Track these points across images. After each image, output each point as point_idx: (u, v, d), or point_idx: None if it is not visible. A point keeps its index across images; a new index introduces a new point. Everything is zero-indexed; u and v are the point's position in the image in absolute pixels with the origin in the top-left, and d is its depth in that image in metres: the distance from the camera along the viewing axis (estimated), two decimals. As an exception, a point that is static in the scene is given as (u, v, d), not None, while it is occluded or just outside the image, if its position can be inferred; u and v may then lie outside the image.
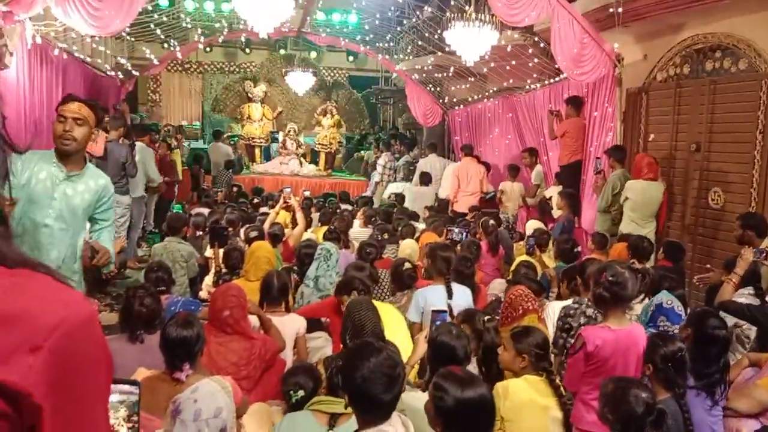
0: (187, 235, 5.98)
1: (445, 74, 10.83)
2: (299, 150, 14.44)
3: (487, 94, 10.74)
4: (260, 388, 3.26)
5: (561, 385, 2.87)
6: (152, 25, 9.72)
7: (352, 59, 16.64)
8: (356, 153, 15.62)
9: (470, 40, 7.07)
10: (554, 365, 3.23)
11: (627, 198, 6.03)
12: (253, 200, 9.64)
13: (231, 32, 11.92)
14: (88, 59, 9.08)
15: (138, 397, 1.97)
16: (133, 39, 11.16)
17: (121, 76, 10.90)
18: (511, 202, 8.66)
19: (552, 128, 7.97)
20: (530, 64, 8.50)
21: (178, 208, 9.52)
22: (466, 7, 7.26)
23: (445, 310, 3.17)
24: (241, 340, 3.25)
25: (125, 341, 3.20)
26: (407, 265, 4.52)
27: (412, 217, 7.90)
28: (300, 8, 10.05)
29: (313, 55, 16.34)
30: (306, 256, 5.00)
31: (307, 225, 6.86)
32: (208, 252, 5.74)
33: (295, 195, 7.11)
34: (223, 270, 5.22)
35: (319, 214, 7.75)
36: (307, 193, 9.67)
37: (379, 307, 3.63)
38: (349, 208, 9.09)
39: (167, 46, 12.21)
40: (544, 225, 7.29)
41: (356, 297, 3.55)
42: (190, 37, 12.29)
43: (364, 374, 1.93)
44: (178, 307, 3.73)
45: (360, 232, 7.08)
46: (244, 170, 13.76)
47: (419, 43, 11.48)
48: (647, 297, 3.50)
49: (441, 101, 12.36)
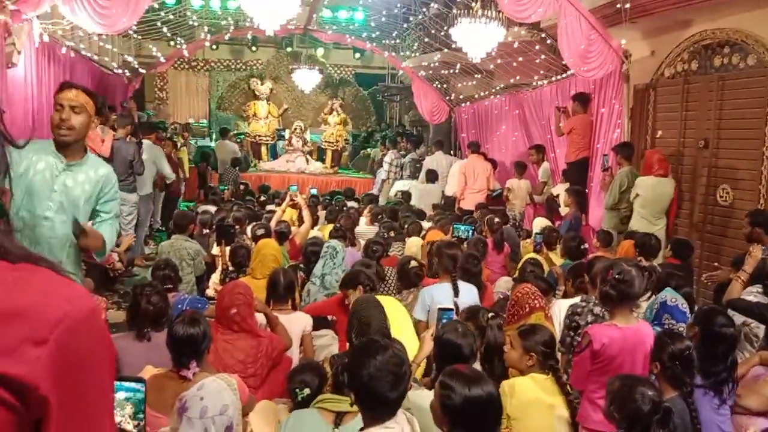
0: (194, 233, 6.00)
1: (451, 71, 10.81)
2: (305, 147, 14.46)
3: (493, 90, 10.71)
4: (267, 386, 3.27)
5: (568, 384, 2.87)
6: (159, 23, 9.74)
7: (358, 56, 16.63)
8: (362, 150, 15.63)
9: (477, 37, 7.05)
10: (561, 363, 3.23)
11: (637, 195, 6.00)
12: (260, 198, 9.66)
13: (237, 30, 11.93)
14: (96, 57, 9.12)
15: (144, 395, 1.99)
16: (139, 37, 11.18)
17: (128, 74, 10.95)
18: (518, 200, 8.64)
19: (559, 125, 7.95)
20: (537, 61, 8.48)
21: (186, 206, 9.55)
22: (473, 4, 7.26)
23: (451, 308, 3.16)
24: (248, 338, 3.26)
25: (132, 339, 3.22)
26: (413, 263, 4.52)
27: (419, 215, 7.90)
28: (306, 5, 10.06)
29: (320, 53, 16.35)
30: (312, 253, 5.01)
31: (314, 223, 6.87)
32: (215, 250, 5.75)
33: (301, 193, 7.13)
34: (230, 268, 5.24)
35: (325, 211, 7.76)
36: (314, 191, 9.69)
37: (385, 301, 3.63)
38: (356, 205, 9.10)
39: (174, 43, 12.24)
40: (552, 222, 7.27)
41: (362, 295, 3.56)
42: (197, 35, 12.32)
43: (370, 372, 1.94)
44: (185, 305, 3.75)
45: (366, 229, 7.08)
46: (250, 168, 13.78)
47: (426, 40, 11.47)
48: (653, 295, 3.49)
49: (447, 98, 12.34)
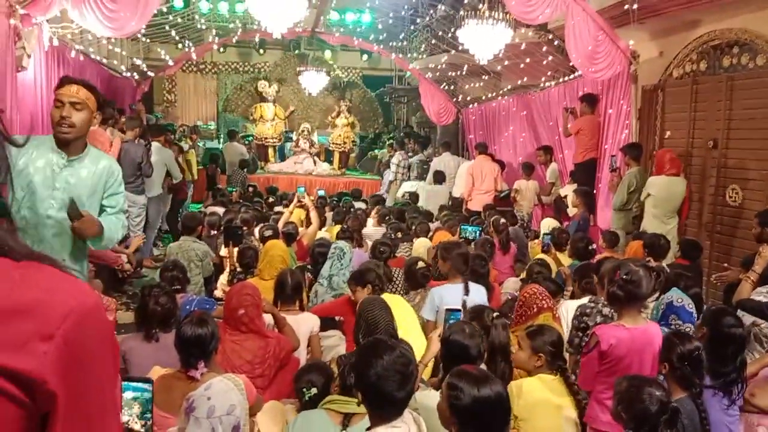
0: (202, 234, 6.02)
1: (458, 73, 10.82)
2: (312, 149, 14.49)
3: (501, 92, 10.70)
4: (274, 387, 3.28)
5: (576, 384, 2.86)
6: (167, 27, 9.81)
7: (365, 58, 16.66)
8: (370, 152, 15.63)
9: (484, 38, 7.05)
10: (569, 364, 3.22)
11: (649, 194, 5.96)
12: (268, 199, 9.69)
13: (245, 33, 11.99)
14: (105, 60, 9.19)
15: (151, 395, 2.00)
16: (148, 40, 11.26)
17: (136, 76, 11.03)
18: (525, 201, 8.63)
19: (566, 126, 7.93)
20: (544, 62, 8.46)
21: (194, 207, 9.59)
22: (480, 5, 7.25)
23: (458, 309, 3.15)
24: (256, 338, 3.27)
25: (141, 340, 3.24)
26: (421, 264, 4.52)
27: (426, 216, 7.90)
28: (313, 8, 10.09)
29: (327, 55, 16.38)
30: (320, 254, 5.02)
31: (322, 224, 6.88)
32: (223, 251, 5.78)
33: (309, 194, 7.14)
34: (238, 269, 5.26)
35: (333, 213, 7.78)
36: (322, 192, 9.70)
37: (393, 301, 3.64)
38: (363, 206, 9.11)
39: (182, 46, 12.31)
40: (560, 223, 7.26)
41: (369, 296, 3.56)
42: (205, 38, 12.39)
43: (377, 371, 1.94)
44: (193, 306, 3.76)
45: (373, 230, 7.09)
46: (258, 170, 13.83)
47: (433, 41, 11.48)
48: (661, 295, 3.48)
49: (455, 100, 12.34)
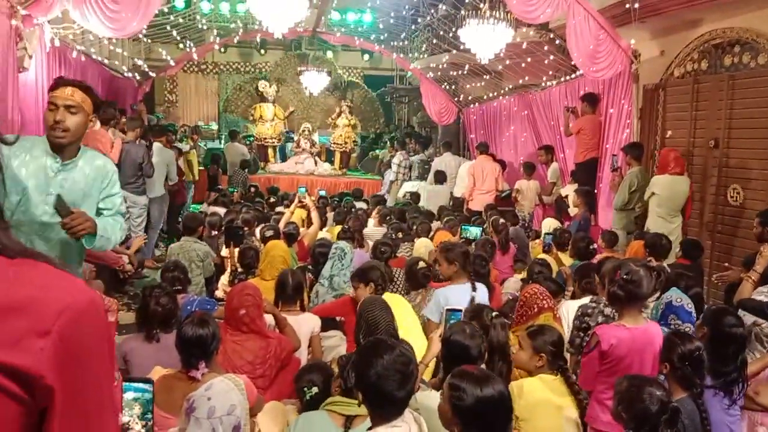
0: (203, 234, 6.03)
1: (460, 72, 10.81)
2: (313, 149, 14.50)
3: (502, 91, 10.70)
4: (275, 387, 3.28)
5: (577, 384, 2.86)
6: (168, 27, 9.81)
7: (367, 58, 16.67)
8: (371, 152, 15.65)
9: (485, 38, 7.05)
10: (570, 364, 3.22)
11: (653, 193, 5.95)
12: (269, 199, 9.70)
13: (246, 33, 12.00)
14: (106, 61, 9.20)
15: (152, 395, 2.00)
16: (149, 40, 11.27)
17: (138, 77, 11.04)
18: (527, 201, 8.63)
19: (567, 125, 7.93)
20: (546, 62, 8.46)
21: (196, 208, 9.60)
22: (481, 5, 7.26)
23: (459, 309, 3.16)
24: (257, 339, 3.27)
25: (142, 340, 3.25)
26: (422, 264, 4.52)
27: (428, 216, 7.90)
28: (314, 8, 10.09)
29: (329, 55, 16.39)
30: (320, 255, 5.03)
31: (322, 224, 6.89)
32: (224, 251, 5.78)
33: (310, 194, 7.15)
34: (239, 269, 5.26)
35: (334, 213, 7.78)
36: (323, 193, 9.71)
37: (394, 301, 3.64)
38: (364, 206, 9.11)
39: (183, 47, 12.32)
40: (561, 223, 7.26)
41: (370, 296, 3.56)
42: (206, 38, 12.40)
43: (377, 371, 1.95)
44: (194, 307, 3.76)
45: (374, 231, 7.09)
46: (259, 170, 13.84)
47: (434, 41, 11.48)
48: (661, 295, 3.48)
49: (456, 99, 12.34)
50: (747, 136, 5.61)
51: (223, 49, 15.39)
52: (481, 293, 4.05)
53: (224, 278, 5.48)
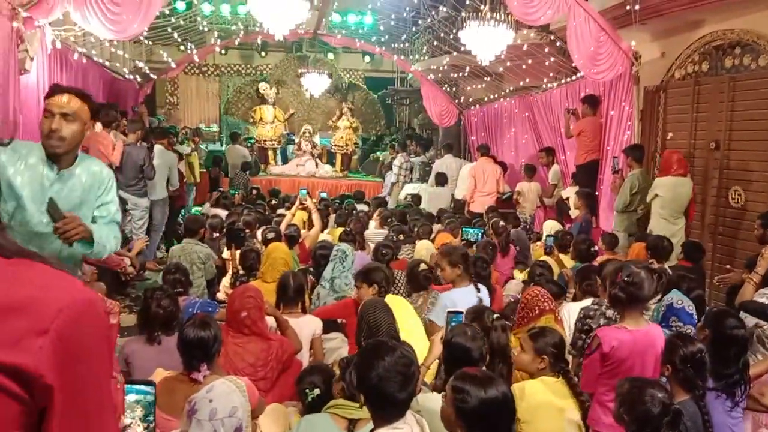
0: (205, 237, 6.03)
1: (460, 74, 10.83)
2: (314, 151, 14.51)
3: (503, 93, 10.71)
4: (277, 390, 3.28)
5: (578, 386, 2.87)
6: (169, 29, 9.83)
7: (367, 60, 16.68)
8: (372, 154, 15.66)
9: (486, 40, 7.05)
10: (572, 367, 3.22)
11: (656, 195, 5.93)
12: (271, 202, 9.70)
13: (247, 35, 12.01)
14: (107, 63, 9.21)
15: (154, 397, 2.00)
16: (150, 43, 11.29)
17: (139, 79, 11.05)
18: (528, 203, 8.63)
19: (568, 127, 7.94)
20: (546, 63, 8.47)
21: (197, 210, 9.60)
22: (482, 7, 7.26)
23: (461, 311, 3.16)
24: (259, 341, 3.28)
25: (143, 343, 3.25)
26: (423, 266, 4.52)
27: (429, 218, 7.90)
28: (315, 10, 10.10)
29: (330, 57, 16.41)
30: (322, 257, 5.03)
31: (324, 226, 6.89)
32: (226, 254, 5.78)
33: (311, 196, 7.15)
34: (240, 271, 5.26)
35: (335, 215, 7.79)
36: (324, 195, 9.71)
37: (396, 302, 3.64)
38: (365, 209, 9.12)
39: (184, 49, 12.34)
40: (562, 225, 7.26)
41: (371, 298, 3.56)
42: (207, 40, 12.41)
43: (379, 373, 1.96)
44: (196, 309, 3.76)
45: (376, 233, 7.10)
46: (260, 172, 13.85)
47: (435, 43, 11.50)
48: (663, 297, 3.48)
49: (457, 101, 12.35)
50: (748, 137, 5.61)
51: (224, 51, 15.41)
52: (484, 295, 4.06)
53: (225, 280, 5.47)
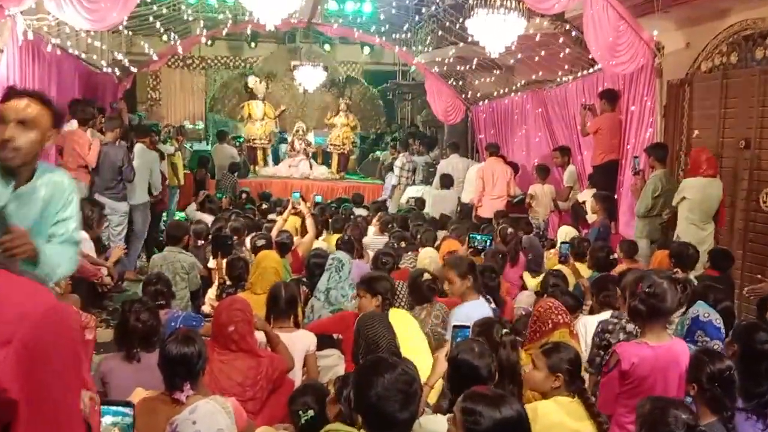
0: (189, 244, 6.03)
1: (468, 67, 10.84)
2: (309, 149, 14.52)
3: (514, 88, 10.73)
4: (267, 411, 3.28)
5: (596, 406, 2.86)
6: (151, 18, 9.83)
7: (367, 52, 16.70)
8: (371, 154, 15.66)
9: (495, 29, 7.07)
10: (588, 385, 3.22)
11: (684, 198, 5.90)
12: (261, 206, 9.71)
13: (235, 25, 12.01)
14: (83, 55, 9.22)
15: (133, 419, 2.01)
16: (130, 33, 11.30)
17: (118, 72, 11.04)
18: (541, 207, 8.62)
19: (585, 124, 7.94)
20: (561, 55, 8.48)
21: (182, 216, 9.61)
22: (490, -7, 7.28)
23: (467, 326, 3.16)
24: (247, 358, 3.28)
25: (121, 360, 3.25)
26: (426, 276, 4.50)
27: (433, 224, 7.90)
28: (310, -3, 10.13)
29: (326, 48, 16.42)
30: (316, 266, 5.03)
31: (318, 233, 6.89)
32: (211, 263, 5.79)
33: (305, 200, 7.16)
34: (227, 282, 5.27)
35: (331, 220, 7.78)
36: (319, 198, 9.71)
37: (398, 315, 3.64)
38: (364, 213, 9.11)
39: (167, 39, 12.34)
40: (578, 231, 7.26)
41: (369, 312, 3.56)
42: (192, 30, 12.41)
43: (378, 391, 1.96)
44: (179, 323, 3.77)
45: (375, 239, 7.10)
46: (249, 174, 13.84)
47: (440, 33, 11.50)
48: (687, 309, 3.48)
49: (463, 96, 12.36)
50: (781, 135, 5.63)
51: (210, 42, 15.37)
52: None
53: (211, 292, 5.48)
